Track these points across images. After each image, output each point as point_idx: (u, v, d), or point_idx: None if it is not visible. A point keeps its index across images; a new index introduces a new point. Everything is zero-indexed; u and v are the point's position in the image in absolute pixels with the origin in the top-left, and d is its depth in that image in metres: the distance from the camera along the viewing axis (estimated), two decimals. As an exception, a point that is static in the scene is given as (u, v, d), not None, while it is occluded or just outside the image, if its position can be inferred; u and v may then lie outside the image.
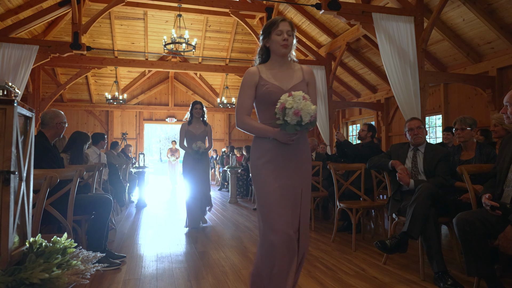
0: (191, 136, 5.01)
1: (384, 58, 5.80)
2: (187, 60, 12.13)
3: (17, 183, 1.16)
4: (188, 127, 5.04)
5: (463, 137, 3.31)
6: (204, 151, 4.96)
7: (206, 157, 5.12)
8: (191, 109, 5.09)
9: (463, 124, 3.30)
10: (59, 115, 3.15)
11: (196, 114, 5.06)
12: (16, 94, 1.17)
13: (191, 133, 5.01)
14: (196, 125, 5.06)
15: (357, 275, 3.00)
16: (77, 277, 1.11)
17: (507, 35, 6.22)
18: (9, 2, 7.72)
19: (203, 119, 5.14)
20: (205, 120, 5.16)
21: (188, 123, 5.08)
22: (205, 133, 5.08)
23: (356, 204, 3.96)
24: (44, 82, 10.96)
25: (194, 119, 5.08)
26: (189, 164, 5.04)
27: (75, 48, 7.32)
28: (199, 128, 5.06)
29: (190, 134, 5.01)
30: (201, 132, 5.04)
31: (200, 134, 5.03)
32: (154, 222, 5.56)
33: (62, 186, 2.71)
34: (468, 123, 3.30)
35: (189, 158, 5.03)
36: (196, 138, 4.99)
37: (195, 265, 3.30)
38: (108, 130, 13.22)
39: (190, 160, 5.02)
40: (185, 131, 5.04)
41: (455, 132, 3.38)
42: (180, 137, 5.08)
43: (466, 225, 2.31)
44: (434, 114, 8.63)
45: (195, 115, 5.07)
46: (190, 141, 5.02)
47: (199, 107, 5.06)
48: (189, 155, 5.03)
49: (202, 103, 5.15)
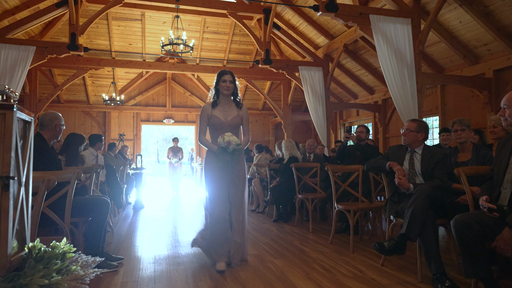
0: (216, 124, 3.28)
1: (381, 59, 5.82)
2: (184, 61, 12.12)
3: (17, 188, 1.16)
4: (212, 111, 3.29)
5: (463, 138, 3.32)
6: (237, 149, 3.15)
7: (240, 158, 3.34)
8: (217, 82, 3.32)
9: (463, 125, 3.31)
10: (57, 117, 3.14)
11: (224, 90, 3.28)
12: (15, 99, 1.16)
13: (216, 121, 3.27)
14: (225, 108, 3.32)
15: (355, 276, 3.00)
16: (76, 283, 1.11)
17: (504, 37, 6.26)
18: (6, 2, 7.69)
19: (236, 99, 3.39)
20: (239, 100, 3.41)
21: (211, 105, 3.32)
22: (239, 120, 3.34)
23: (354, 206, 3.97)
24: (41, 83, 10.92)
25: (221, 99, 3.33)
26: (213, 170, 3.30)
27: (72, 49, 7.31)
28: (230, 112, 3.32)
29: (215, 121, 3.28)
30: (233, 118, 3.30)
31: (231, 122, 3.29)
32: (151, 224, 5.55)
33: (59, 188, 2.70)
34: (466, 124, 3.32)
35: (213, 159, 3.29)
36: (224, 128, 3.26)
37: (193, 267, 3.29)
38: (105, 131, 13.18)
39: (215, 163, 3.29)
40: (207, 117, 3.29)
41: (454, 134, 3.38)
42: (200, 127, 3.34)
43: (463, 227, 2.31)
44: (431, 116, 8.66)
45: (223, 92, 3.28)
46: (215, 133, 3.31)
47: (229, 78, 3.28)
48: (213, 156, 3.28)
49: (233, 74, 3.37)
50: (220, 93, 3.36)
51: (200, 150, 14.52)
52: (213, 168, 3.30)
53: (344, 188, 4.25)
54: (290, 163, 5.52)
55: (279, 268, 3.23)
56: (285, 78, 10.83)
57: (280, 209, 5.70)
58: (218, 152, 3.19)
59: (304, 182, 5.43)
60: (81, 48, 7.37)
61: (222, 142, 3.12)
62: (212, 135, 3.38)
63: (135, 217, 6.25)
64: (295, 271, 3.15)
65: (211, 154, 3.32)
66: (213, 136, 3.36)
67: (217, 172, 3.28)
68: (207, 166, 3.35)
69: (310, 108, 8.84)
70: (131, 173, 7.71)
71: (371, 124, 10.69)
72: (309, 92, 8.81)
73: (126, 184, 7.32)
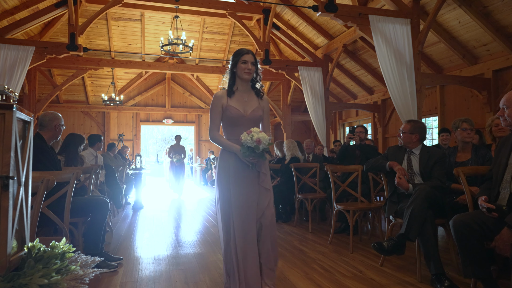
0: (234, 118, 2.55)
1: (380, 60, 5.82)
2: (184, 61, 12.12)
3: (16, 188, 1.16)
4: (228, 100, 2.57)
5: (471, 137, 3.33)
6: (266, 150, 2.46)
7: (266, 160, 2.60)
8: (234, 64, 2.58)
9: (472, 125, 3.32)
10: (57, 117, 3.15)
11: (244, 74, 2.55)
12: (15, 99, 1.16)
13: (234, 113, 2.54)
14: (244, 97, 2.61)
15: (354, 276, 3.01)
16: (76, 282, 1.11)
17: (503, 37, 6.27)
18: (5, 2, 7.68)
19: (255, 85, 2.67)
20: (260, 88, 2.70)
21: (227, 93, 2.60)
22: (260, 113, 2.63)
23: (353, 206, 3.97)
24: (40, 83, 10.91)
25: (239, 85, 2.61)
26: (237, 176, 2.52)
27: (71, 49, 7.30)
28: (250, 102, 2.61)
29: (232, 114, 2.55)
30: (254, 110, 2.59)
31: (252, 115, 2.59)
32: (151, 224, 5.55)
33: (59, 189, 2.70)
34: (473, 124, 3.33)
35: (233, 162, 2.53)
36: (243, 123, 2.55)
37: (192, 268, 3.29)
38: (104, 131, 13.18)
39: (235, 167, 2.53)
40: (221, 107, 2.56)
41: (463, 132, 3.34)
42: (212, 120, 2.58)
43: (462, 227, 2.32)
44: (430, 116, 8.67)
45: (243, 76, 2.55)
46: (231, 129, 2.59)
47: (251, 59, 2.55)
48: (233, 158, 2.54)
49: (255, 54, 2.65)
50: (237, 77, 2.59)
51: (200, 150, 14.52)
52: (236, 174, 2.48)
53: (344, 188, 4.26)
54: (291, 163, 5.52)
55: (279, 268, 3.23)
56: (284, 78, 10.84)
57: (279, 209, 5.70)
58: (243, 153, 2.41)
59: (304, 182, 5.44)
60: (80, 48, 7.37)
61: (250, 140, 2.36)
62: (227, 131, 2.62)
63: (134, 217, 6.25)
64: (294, 271, 3.15)
65: (230, 156, 2.52)
66: (228, 132, 2.60)
67: (242, 178, 2.49)
68: (223, 172, 2.52)
69: (309, 108, 8.85)
70: (130, 173, 7.71)
71: (371, 124, 10.70)
72: (309, 92, 8.82)
73: (126, 184, 7.32)
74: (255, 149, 2.39)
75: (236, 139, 2.47)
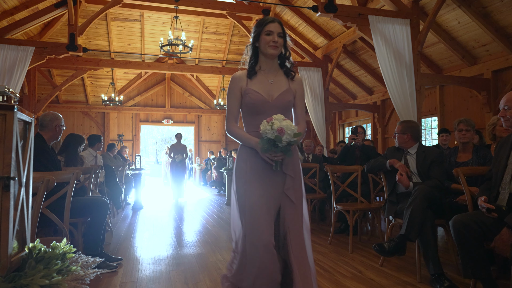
0: (256, 104, 2.03)
1: (380, 60, 5.83)
2: (183, 61, 12.12)
3: (17, 189, 1.16)
4: (249, 83, 2.06)
5: (467, 138, 3.33)
6: (292, 143, 1.91)
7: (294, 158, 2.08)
8: (256, 36, 2.05)
9: (468, 125, 3.32)
10: (58, 117, 3.15)
11: (269, 49, 2.02)
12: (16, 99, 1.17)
13: (256, 98, 2.03)
14: (269, 78, 2.08)
15: (354, 277, 3.01)
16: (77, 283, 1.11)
17: (502, 37, 6.28)
18: (5, 3, 7.68)
19: (285, 64, 2.13)
20: (290, 66, 2.14)
21: (247, 74, 2.08)
22: (291, 98, 2.08)
23: (353, 206, 3.97)
24: (39, 83, 10.91)
25: (263, 63, 2.08)
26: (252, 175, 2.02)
27: (71, 50, 7.30)
28: (277, 84, 2.08)
29: (253, 99, 2.03)
30: (282, 94, 2.06)
31: (279, 101, 2.05)
32: (150, 224, 5.55)
33: (58, 189, 2.70)
34: (472, 125, 3.34)
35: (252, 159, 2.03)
36: (268, 110, 2.01)
37: (192, 268, 3.29)
38: (104, 131, 13.18)
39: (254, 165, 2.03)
40: (240, 91, 2.06)
41: (458, 133, 3.37)
42: (229, 109, 2.09)
43: (462, 227, 2.32)
44: (430, 116, 8.68)
45: (267, 51, 2.03)
46: (252, 118, 2.06)
47: (277, 29, 2.02)
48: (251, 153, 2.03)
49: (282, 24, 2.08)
50: (261, 53, 2.03)
51: (199, 150, 14.51)
52: (252, 173, 1.97)
53: (343, 189, 4.26)
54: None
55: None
56: (284, 78, 10.82)
57: (279, 210, 5.69)
58: (262, 147, 1.88)
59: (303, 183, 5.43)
60: (80, 48, 7.37)
61: (270, 130, 1.82)
62: (246, 122, 2.06)
63: (134, 217, 6.25)
64: (294, 272, 3.15)
65: (248, 151, 2.01)
66: (249, 123, 2.05)
67: (259, 179, 1.96)
68: (240, 170, 2.02)
69: (309, 108, 8.85)
70: (130, 173, 7.71)
71: (370, 125, 10.71)
72: (308, 92, 8.83)
73: (125, 184, 7.32)
74: (277, 142, 1.83)
75: (257, 132, 1.93)
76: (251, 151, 1.99)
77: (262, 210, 1.90)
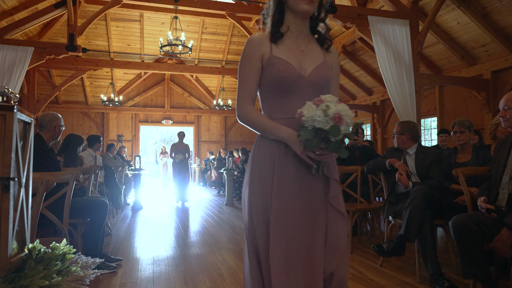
0: (285, 80, 1.39)
1: (379, 60, 5.83)
2: (183, 62, 12.12)
3: (17, 189, 1.16)
4: (273, 49, 1.42)
5: (462, 140, 3.34)
6: (348, 135, 1.31)
7: (333, 159, 1.47)
8: None
9: (462, 127, 3.33)
10: (57, 118, 3.15)
11: (298, 4, 1.39)
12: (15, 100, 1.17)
13: (284, 70, 1.39)
14: (300, 45, 1.46)
15: (354, 277, 3.01)
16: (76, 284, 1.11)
17: (501, 38, 6.29)
18: (4, 3, 7.68)
19: (318, 27, 1.53)
20: (325, 33, 1.54)
21: (271, 37, 1.44)
22: (328, 74, 1.47)
23: (353, 207, 3.98)
24: (39, 84, 10.90)
25: (291, 23, 1.46)
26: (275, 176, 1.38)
27: (70, 50, 7.29)
28: (310, 54, 1.46)
29: (282, 71, 1.39)
30: (318, 68, 1.44)
31: (316, 76, 1.43)
32: (150, 225, 5.55)
33: (58, 189, 2.70)
34: (467, 126, 3.34)
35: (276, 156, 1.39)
36: (300, 89, 1.40)
37: (192, 268, 3.29)
38: (103, 132, 13.17)
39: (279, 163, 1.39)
40: (260, 60, 1.42)
41: (453, 135, 3.40)
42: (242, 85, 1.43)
43: (462, 227, 2.32)
44: (429, 117, 8.69)
45: (298, 8, 1.40)
46: (279, 99, 1.42)
47: None
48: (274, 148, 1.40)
49: None
50: (288, 10, 1.46)
51: (199, 150, 14.50)
52: (282, 179, 1.38)
53: (343, 189, 4.26)
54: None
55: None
56: (283, 79, 10.83)
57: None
58: (307, 142, 1.30)
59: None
60: (79, 49, 7.36)
61: (322, 117, 1.27)
62: (269, 105, 1.46)
63: (133, 218, 6.24)
64: (294, 272, 3.15)
65: (273, 146, 1.41)
66: (271, 106, 1.45)
67: (292, 188, 1.38)
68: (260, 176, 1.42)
69: (308, 109, 8.83)
70: (129, 174, 7.71)
71: (370, 125, 10.71)
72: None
73: (125, 185, 7.32)
74: (330, 134, 1.27)
75: (285, 119, 1.38)
76: (279, 147, 1.37)
77: (304, 238, 1.30)
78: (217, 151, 13.54)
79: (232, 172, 8.16)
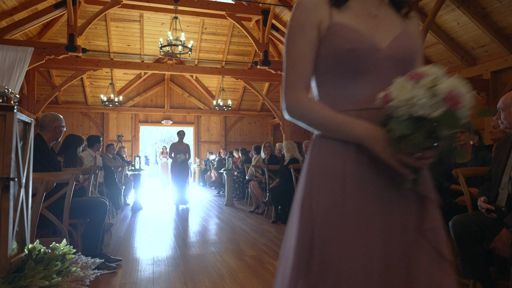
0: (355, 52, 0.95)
1: (379, 61, 5.83)
2: (183, 62, 12.13)
3: (17, 190, 1.16)
4: (335, 14, 0.98)
5: (463, 140, 3.34)
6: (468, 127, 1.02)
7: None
8: None
9: (463, 128, 3.33)
10: (58, 118, 3.15)
11: None
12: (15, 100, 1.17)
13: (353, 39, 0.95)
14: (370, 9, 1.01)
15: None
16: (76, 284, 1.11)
17: (501, 38, 6.29)
18: (4, 3, 7.68)
19: None
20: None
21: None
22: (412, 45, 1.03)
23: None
24: (39, 84, 10.90)
25: None
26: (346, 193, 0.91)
27: (70, 50, 7.30)
28: (385, 22, 1.01)
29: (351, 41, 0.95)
30: (398, 38, 1.00)
31: (398, 49, 0.99)
32: (150, 225, 5.55)
33: (58, 190, 2.70)
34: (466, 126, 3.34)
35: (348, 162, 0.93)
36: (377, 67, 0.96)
37: (192, 269, 3.29)
38: (103, 132, 13.17)
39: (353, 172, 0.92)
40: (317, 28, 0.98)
41: None
42: (291, 65, 0.99)
43: (461, 228, 2.33)
44: (429, 117, 8.69)
45: None
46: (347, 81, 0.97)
47: None
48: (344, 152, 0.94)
49: None
50: None
51: (199, 151, 14.50)
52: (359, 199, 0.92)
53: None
54: (290, 164, 5.53)
55: (278, 269, 3.23)
56: (283, 79, 10.83)
57: (278, 210, 5.70)
58: (405, 141, 0.84)
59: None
60: (79, 49, 7.37)
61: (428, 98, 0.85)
62: (332, 92, 1.00)
63: (133, 218, 6.24)
64: (294, 272, 3.15)
65: (343, 150, 0.95)
66: (336, 93, 1.00)
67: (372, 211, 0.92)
68: (323, 192, 0.94)
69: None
70: (129, 174, 7.71)
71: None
72: (308, 93, 8.82)
73: (125, 185, 7.32)
74: (446, 124, 0.90)
75: (356, 110, 0.96)
76: (351, 148, 0.94)
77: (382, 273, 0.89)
78: (217, 151, 13.54)
79: (232, 173, 8.16)
